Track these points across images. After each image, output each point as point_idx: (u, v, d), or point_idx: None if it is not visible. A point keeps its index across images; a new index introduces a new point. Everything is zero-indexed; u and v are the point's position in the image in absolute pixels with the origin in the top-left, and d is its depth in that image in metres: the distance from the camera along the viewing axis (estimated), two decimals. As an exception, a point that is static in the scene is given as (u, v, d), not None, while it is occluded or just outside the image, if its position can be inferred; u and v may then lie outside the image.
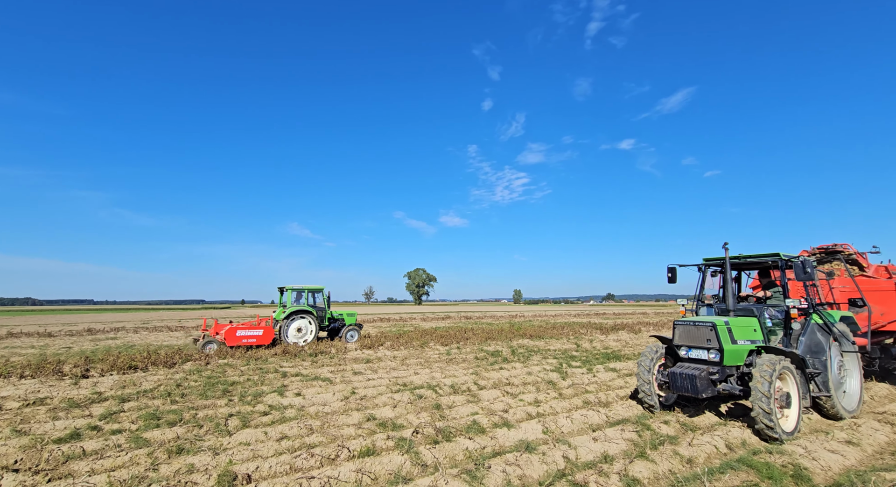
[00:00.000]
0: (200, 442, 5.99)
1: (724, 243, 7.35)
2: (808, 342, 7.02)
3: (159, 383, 10.02)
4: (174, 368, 12.23)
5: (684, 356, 6.91)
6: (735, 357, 6.48)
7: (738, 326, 6.66)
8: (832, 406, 6.90)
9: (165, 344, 19.11)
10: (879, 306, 9.33)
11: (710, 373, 6.39)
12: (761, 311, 7.25)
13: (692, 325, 6.79)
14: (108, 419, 7.12)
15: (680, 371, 6.49)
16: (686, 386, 6.37)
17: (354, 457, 5.43)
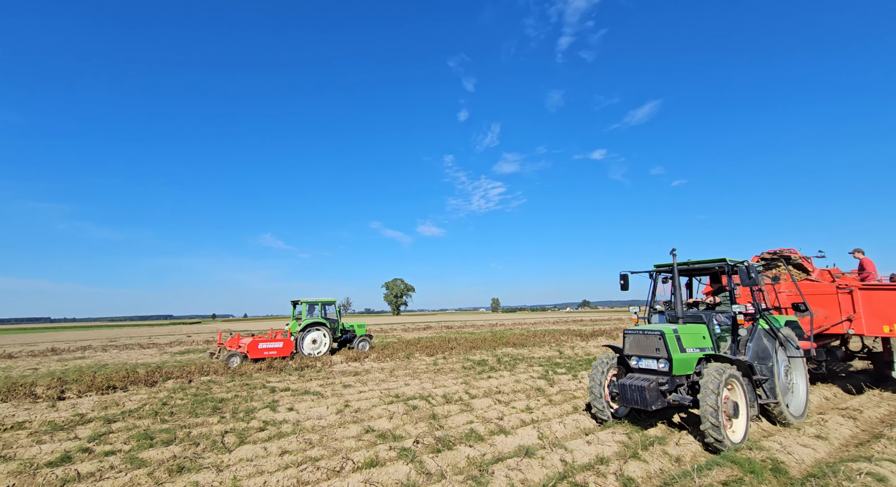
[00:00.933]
0: (200, 460, 5.95)
1: (672, 249, 7.20)
2: (755, 349, 7.01)
3: (143, 402, 9.76)
4: (156, 386, 11.89)
5: (635, 366, 6.66)
6: (684, 366, 6.31)
7: (687, 334, 6.53)
8: (780, 413, 6.93)
9: (142, 362, 18.47)
10: (823, 309, 9.50)
11: (660, 384, 6.21)
12: (710, 317, 7.14)
13: (641, 334, 6.57)
14: (97, 440, 6.95)
15: (629, 383, 6.27)
16: (635, 398, 6.15)
17: (360, 469, 5.52)
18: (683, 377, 6.48)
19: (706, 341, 6.78)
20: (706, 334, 6.85)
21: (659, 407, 6.17)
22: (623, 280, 7.97)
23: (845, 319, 9.02)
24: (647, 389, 6.04)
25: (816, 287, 9.81)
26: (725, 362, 6.43)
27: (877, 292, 8.78)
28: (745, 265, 6.64)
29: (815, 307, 9.40)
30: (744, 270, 6.59)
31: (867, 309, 8.83)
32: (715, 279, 8.30)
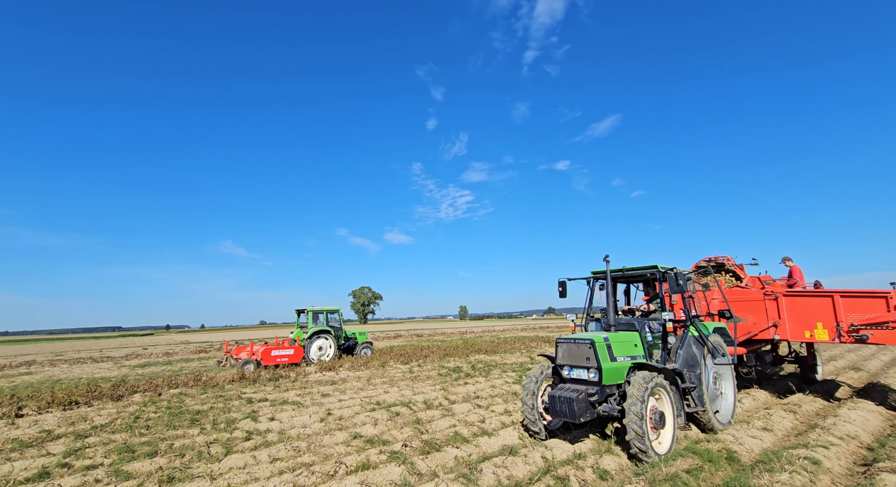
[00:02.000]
0: (190, 470, 5.97)
1: (605, 255, 7.03)
2: (685, 356, 6.93)
3: (114, 417, 9.45)
4: (122, 400, 11.47)
5: (566, 375, 6.44)
6: (614, 376, 6.13)
7: (619, 342, 6.39)
8: (708, 420, 6.89)
9: (100, 376, 17.58)
10: (752, 315, 9.54)
11: (590, 394, 6.01)
12: (643, 325, 7.04)
13: (572, 343, 6.38)
14: (73, 455, 6.76)
15: (558, 394, 5.99)
16: (564, 410, 5.86)
17: (353, 472, 5.74)
18: (614, 387, 6.29)
19: (638, 349, 6.67)
20: (638, 341, 6.74)
21: (588, 419, 5.95)
22: (561, 287, 7.81)
23: (771, 325, 9.19)
24: (575, 400, 5.78)
25: (746, 294, 9.90)
26: (653, 370, 6.31)
27: (799, 299, 9.02)
28: (673, 272, 6.63)
29: (745, 314, 9.56)
30: (672, 277, 6.56)
31: (791, 315, 9.00)
32: (650, 287, 8.24)
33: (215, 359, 21.35)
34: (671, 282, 6.57)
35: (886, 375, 11.80)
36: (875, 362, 14.58)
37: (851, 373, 12.36)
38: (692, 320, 7.25)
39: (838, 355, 16.33)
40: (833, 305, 8.37)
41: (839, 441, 6.28)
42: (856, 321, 8.06)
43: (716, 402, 7.41)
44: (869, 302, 8.05)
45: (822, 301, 8.57)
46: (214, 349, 33.26)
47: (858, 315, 8.13)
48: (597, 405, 6.12)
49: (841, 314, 8.24)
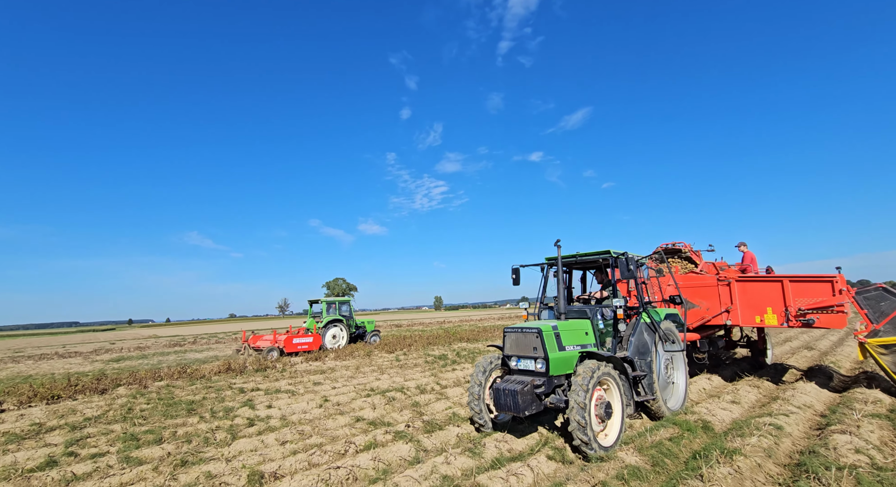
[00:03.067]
0: (201, 454, 6.14)
1: (556, 240, 6.75)
2: (636, 344, 6.78)
3: (104, 409, 9.37)
4: (107, 394, 11.31)
5: (514, 366, 6.20)
6: (562, 366, 5.89)
7: (569, 330, 6.16)
8: (658, 409, 6.78)
9: (74, 371, 17.06)
10: (706, 301, 9.53)
11: (536, 386, 5.76)
12: (595, 312, 6.80)
13: (520, 332, 6.10)
14: (75, 445, 6.78)
15: (503, 387, 5.76)
16: (508, 404, 5.65)
17: (364, 450, 6.06)
18: (563, 378, 6.08)
19: (589, 337, 6.50)
20: (590, 330, 6.56)
21: (534, 412, 5.73)
22: (515, 274, 7.59)
23: (724, 310, 9.20)
24: (519, 393, 5.55)
25: (700, 280, 9.86)
26: (601, 359, 6.14)
27: (751, 284, 9.08)
28: (624, 257, 6.51)
29: (699, 299, 9.57)
30: (623, 261, 6.43)
31: (743, 300, 9.04)
32: (603, 273, 8.03)
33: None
34: (622, 267, 6.41)
35: (835, 353, 12.95)
36: (825, 342, 15.96)
37: (805, 352, 13.52)
38: (645, 306, 7.10)
39: (793, 336, 17.74)
40: (783, 289, 8.50)
41: (798, 409, 7.06)
42: (803, 305, 8.19)
43: (667, 389, 7.33)
44: (816, 286, 8.22)
45: (772, 286, 8.70)
46: (188, 342, 32.53)
47: (806, 300, 8.23)
48: (543, 396, 5.87)
49: (789, 299, 8.37)
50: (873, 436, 5.52)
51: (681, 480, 4.47)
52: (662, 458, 5.33)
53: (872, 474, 4.50)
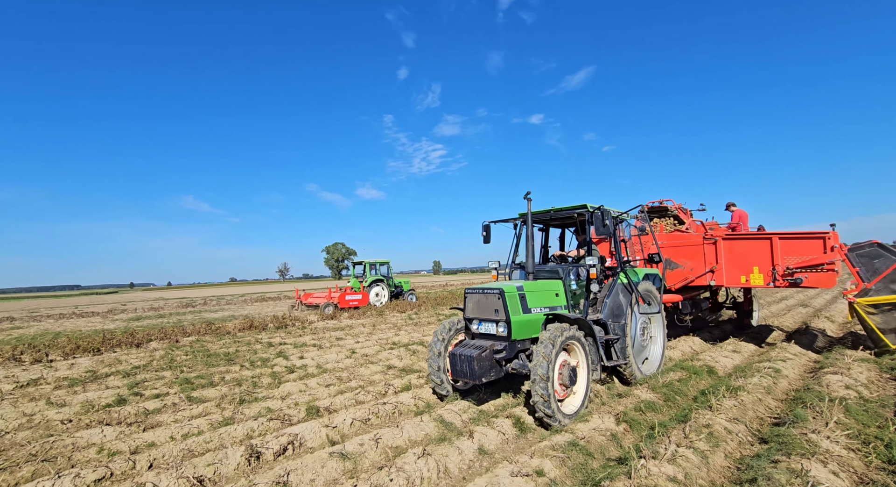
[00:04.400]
0: (255, 394, 6.79)
1: (526, 192, 6.11)
2: (611, 305, 6.40)
3: (147, 359, 10.04)
4: (142, 347, 12.00)
5: (475, 330, 5.78)
6: (526, 329, 5.52)
7: (536, 291, 5.79)
8: (631, 373, 6.48)
9: (102, 329, 17.79)
10: (690, 260, 9.17)
11: (496, 351, 5.40)
12: (567, 272, 6.36)
13: (481, 293, 5.67)
14: (136, 388, 7.41)
15: (459, 352, 5.34)
16: (465, 370, 5.26)
17: (402, 391, 6.71)
18: (528, 342, 5.71)
19: (559, 298, 6.12)
20: (561, 290, 6.17)
21: (493, 378, 5.39)
22: (485, 231, 7.07)
23: (708, 270, 8.86)
24: (476, 358, 5.15)
25: (685, 238, 9.46)
26: (567, 322, 5.62)
27: (739, 242, 8.67)
28: (599, 212, 5.89)
29: (683, 259, 9.23)
30: (598, 216, 5.87)
31: (728, 259, 8.70)
32: (582, 230, 7.38)
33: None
34: (597, 222, 5.88)
35: (829, 310, 13.63)
36: (819, 300, 16.72)
37: (800, 310, 14.23)
38: (623, 266, 6.70)
39: (789, 295, 18.49)
40: (771, 247, 8.12)
41: (794, 356, 7.74)
42: (792, 263, 7.87)
43: (642, 353, 7.13)
44: (807, 244, 7.86)
45: (761, 244, 8.33)
46: (199, 304, 33.44)
47: (795, 258, 7.90)
48: (504, 362, 5.52)
49: (778, 257, 8.02)
50: (861, 376, 6.17)
51: (692, 410, 5.10)
52: (673, 395, 5.99)
53: (859, 404, 5.14)
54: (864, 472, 3.82)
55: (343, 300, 20.21)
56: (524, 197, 6.14)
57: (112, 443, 4.92)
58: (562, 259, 7.41)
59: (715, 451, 4.20)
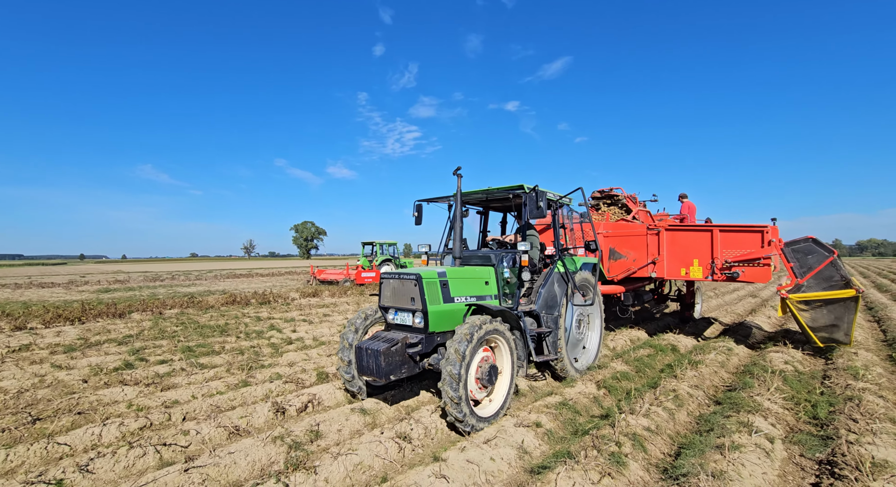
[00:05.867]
0: (260, 361, 7.16)
1: (456, 168, 5.56)
2: (546, 296, 5.98)
3: (137, 330, 10.09)
4: (124, 318, 11.96)
5: (391, 320, 5.23)
6: (446, 321, 5.01)
7: (461, 278, 5.29)
8: (562, 368, 6.11)
9: (71, 300, 17.29)
10: (634, 251, 8.95)
11: (410, 345, 4.84)
12: (500, 258, 5.95)
13: (396, 278, 5.10)
14: (136, 354, 7.60)
15: (365, 346, 4.77)
16: (371, 367, 4.69)
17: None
18: (449, 334, 5.14)
19: (489, 287, 5.67)
20: (492, 278, 5.72)
21: (404, 376, 4.86)
22: (416, 211, 6.48)
23: (650, 261, 8.70)
24: (382, 354, 4.58)
25: (630, 228, 9.22)
26: (490, 314, 5.09)
27: (680, 233, 8.52)
28: (534, 192, 5.38)
29: (627, 249, 9.01)
30: (532, 197, 5.34)
31: (670, 251, 8.54)
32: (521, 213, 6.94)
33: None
34: (530, 204, 5.34)
35: (774, 299, 15.16)
36: (768, 291, 18.43)
37: (749, 300, 15.72)
38: (561, 253, 6.33)
39: (740, 286, 20.19)
40: (712, 240, 8.05)
41: (744, 338, 8.83)
42: (730, 257, 7.81)
43: (577, 347, 6.84)
44: (746, 237, 7.78)
45: (702, 236, 8.21)
46: (168, 278, 32.58)
47: (734, 251, 7.82)
48: (418, 357, 4.99)
49: (717, 250, 7.95)
50: (798, 354, 7.25)
51: (661, 379, 5.94)
52: (643, 367, 6.85)
53: (795, 376, 6.13)
54: (795, 425, 4.73)
55: (359, 277, 22.10)
56: (453, 173, 5.57)
57: (138, 400, 5.24)
58: (501, 245, 6.92)
59: (680, 409, 5.02)
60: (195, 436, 4.24)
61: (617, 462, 3.63)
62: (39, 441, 3.99)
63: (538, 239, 6.64)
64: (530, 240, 6.47)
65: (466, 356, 4.39)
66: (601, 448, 3.80)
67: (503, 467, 3.79)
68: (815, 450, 4.04)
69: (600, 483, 3.37)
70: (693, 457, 3.74)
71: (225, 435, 4.37)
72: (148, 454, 3.89)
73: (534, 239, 6.53)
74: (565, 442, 4.27)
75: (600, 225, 8.97)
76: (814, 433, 4.42)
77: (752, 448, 3.86)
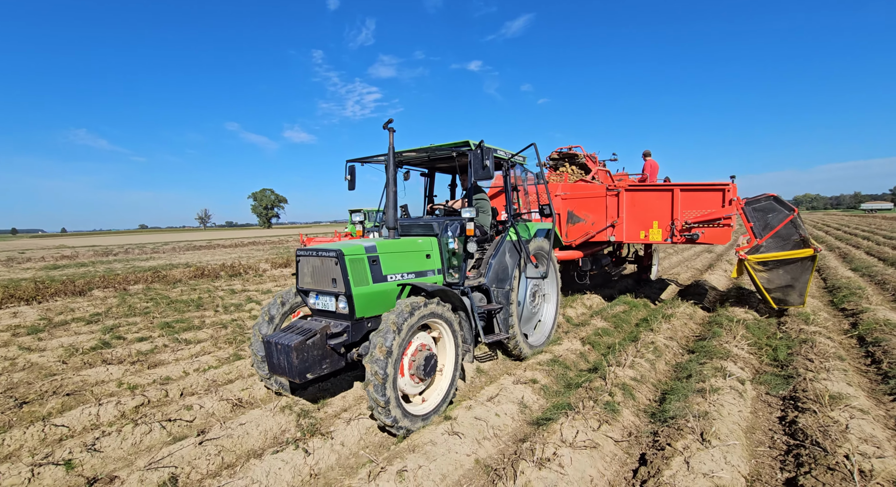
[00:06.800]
0: (246, 334, 7.06)
1: (388, 120, 4.60)
2: (496, 268, 5.36)
3: (105, 307, 9.62)
4: (86, 296, 11.34)
5: (312, 306, 4.44)
6: (376, 304, 4.27)
7: (396, 252, 4.55)
8: (515, 346, 5.51)
9: (16, 278, 16.10)
10: (593, 214, 8.44)
11: (331, 335, 4.07)
12: (444, 227, 5.05)
13: (314, 255, 4.27)
14: (111, 332, 7.29)
15: (276, 340, 3.95)
16: (282, 365, 3.90)
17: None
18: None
19: (431, 261, 4.92)
20: (434, 251, 4.98)
21: (324, 373, 4.06)
22: (349, 175, 5.47)
23: (609, 225, 8.17)
24: (294, 349, 3.78)
25: (589, 189, 8.71)
26: (427, 294, 4.19)
27: (641, 194, 8.03)
28: (479, 150, 4.58)
29: (585, 212, 8.53)
30: (476, 155, 4.54)
31: (630, 213, 8.10)
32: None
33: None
34: (475, 163, 4.54)
35: (729, 254, 16.28)
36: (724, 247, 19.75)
37: (706, 255, 16.82)
38: (513, 220, 5.62)
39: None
40: (672, 200, 7.62)
41: (710, 290, 9.55)
42: (690, 218, 7.44)
43: (531, 321, 6.23)
44: (707, 196, 7.40)
45: (662, 196, 7.79)
46: (121, 252, 30.79)
47: (694, 212, 7.46)
48: (342, 349, 4.17)
49: (678, 211, 7.55)
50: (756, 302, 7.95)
51: (639, 332, 6.38)
52: (621, 322, 7.32)
53: (755, 323, 6.76)
54: (759, 367, 5.27)
55: None
56: (384, 126, 4.62)
57: (127, 378, 5.10)
58: (450, 213, 5.95)
59: (659, 359, 5.45)
60: (199, 410, 4.22)
61: (612, 409, 3.95)
62: (35, 424, 3.84)
63: (489, 204, 5.87)
64: (480, 205, 5.73)
65: (394, 350, 3.67)
66: (597, 399, 4.11)
67: (507, 422, 4.04)
68: (778, 388, 4.54)
69: (599, 430, 3.67)
70: (677, 402, 4.12)
71: (229, 408, 4.38)
72: (154, 430, 3.85)
73: (484, 204, 5.78)
74: (561, 395, 4.56)
75: (558, 186, 8.52)
76: (777, 373, 4.95)
77: (728, 390, 4.29)
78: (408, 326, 3.80)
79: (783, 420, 3.93)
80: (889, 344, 5.33)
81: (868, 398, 4.26)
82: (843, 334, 6.32)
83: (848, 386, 4.24)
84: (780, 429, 3.81)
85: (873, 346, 5.47)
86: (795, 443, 3.43)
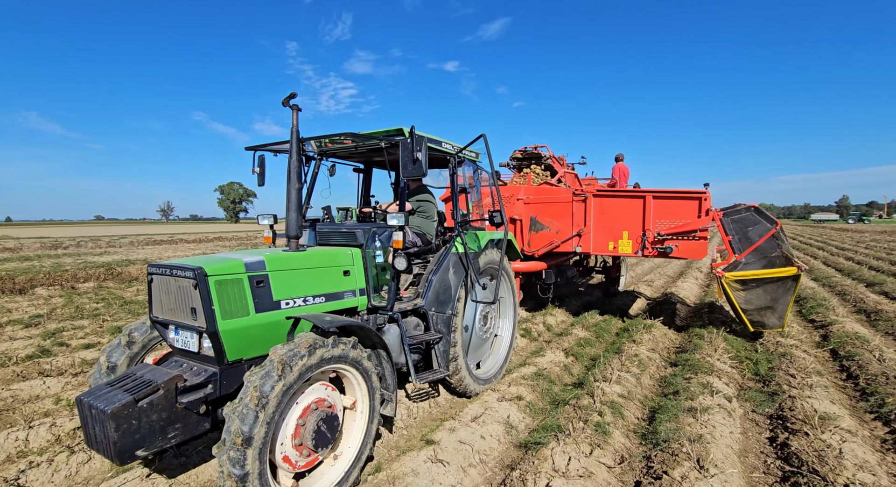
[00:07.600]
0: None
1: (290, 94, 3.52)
2: (437, 287, 4.40)
3: (48, 308, 8.78)
4: (26, 294, 10.37)
5: (172, 342, 3.23)
6: (258, 342, 3.13)
7: (295, 269, 3.42)
8: (460, 383, 4.57)
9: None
10: (557, 221, 7.65)
11: (185, 389, 2.86)
12: (372, 236, 4.01)
13: (169, 274, 3.05)
14: (52, 338, 6.59)
15: (89, 401, 2.68)
16: (99, 439, 2.64)
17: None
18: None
19: (351, 279, 3.86)
20: (356, 266, 3.91)
21: (168, 445, 2.83)
22: (258, 166, 4.35)
23: (576, 234, 7.40)
24: (111, 417, 2.54)
25: (554, 193, 8.06)
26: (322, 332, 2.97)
27: (609, 200, 7.29)
28: (411, 139, 3.55)
29: (549, 219, 7.73)
30: (406, 145, 3.56)
31: (598, 221, 7.36)
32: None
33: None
34: (404, 155, 3.57)
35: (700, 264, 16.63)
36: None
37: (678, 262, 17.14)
38: (461, 228, 4.71)
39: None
40: (644, 208, 6.95)
41: (685, 298, 9.64)
42: (663, 229, 6.78)
43: (481, 349, 5.23)
44: (681, 205, 6.76)
45: (633, 204, 7.08)
46: (72, 245, 28.73)
47: (667, 222, 6.81)
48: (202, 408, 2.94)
49: (650, 221, 6.89)
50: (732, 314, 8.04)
51: (621, 342, 6.28)
52: (602, 332, 7.21)
53: (733, 335, 6.78)
54: (742, 382, 5.24)
55: None
56: (284, 102, 3.54)
57: (67, 393, 4.53)
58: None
59: (644, 373, 5.33)
60: (149, 434, 3.74)
61: (603, 431, 3.76)
62: (-55, 455, 3.29)
63: (435, 207, 4.99)
64: (423, 208, 4.84)
65: (272, 399, 2.55)
66: (587, 419, 3.91)
67: (493, 444, 3.78)
68: (764, 406, 4.49)
69: (592, 456, 3.46)
70: (668, 422, 3.97)
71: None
72: (94, 459, 3.37)
73: (428, 207, 4.89)
74: (548, 414, 4.35)
75: (520, 189, 7.75)
76: (760, 389, 4.91)
77: (717, 409, 4.18)
78: (301, 367, 2.71)
79: (773, 442, 3.84)
80: (863, 359, 5.41)
81: (851, 416, 4.26)
82: (816, 347, 6.42)
83: (832, 405, 4.22)
84: (772, 452, 3.71)
85: (848, 360, 5.55)
86: (791, 470, 3.32)
